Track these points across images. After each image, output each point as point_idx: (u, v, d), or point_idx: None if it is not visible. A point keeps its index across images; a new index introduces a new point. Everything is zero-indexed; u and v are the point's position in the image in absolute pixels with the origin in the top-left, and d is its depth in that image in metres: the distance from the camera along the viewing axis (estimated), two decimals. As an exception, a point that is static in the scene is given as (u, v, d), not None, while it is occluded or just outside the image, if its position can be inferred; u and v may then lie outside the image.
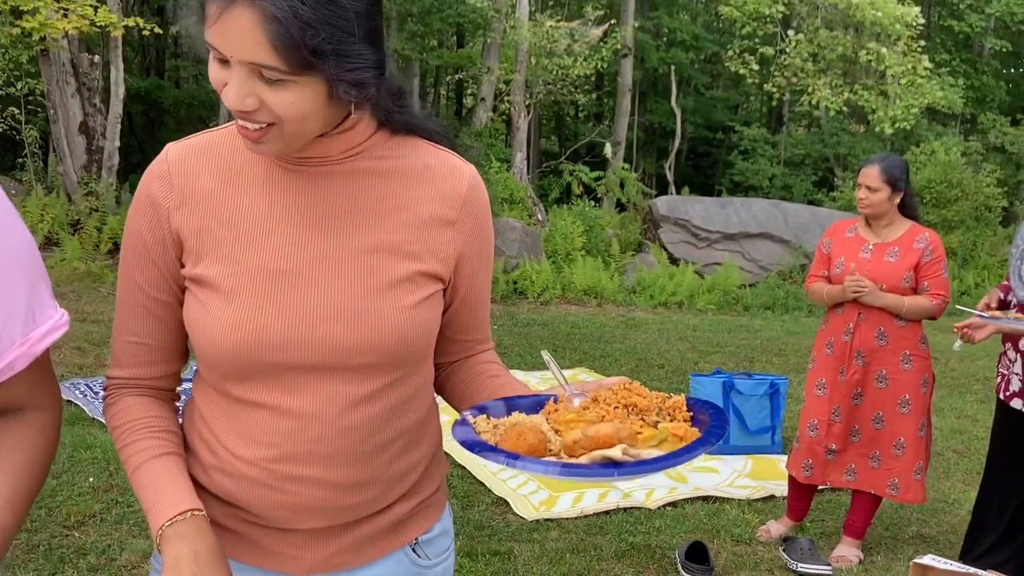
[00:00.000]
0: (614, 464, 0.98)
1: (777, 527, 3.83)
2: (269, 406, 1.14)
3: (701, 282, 10.97)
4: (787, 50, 15.08)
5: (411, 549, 1.29)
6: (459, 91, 21.15)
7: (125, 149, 11.36)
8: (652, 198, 13.48)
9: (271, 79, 1.01)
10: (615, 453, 0.99)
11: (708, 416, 1.09)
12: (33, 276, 1.12)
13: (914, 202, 3.66)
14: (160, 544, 1.10)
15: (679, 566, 3.41)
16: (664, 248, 11.90)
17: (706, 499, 4.21)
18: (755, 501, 4.24)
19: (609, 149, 15.21)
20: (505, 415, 1.14)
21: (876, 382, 3.51)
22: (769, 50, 15.43)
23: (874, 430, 3.53)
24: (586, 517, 3.90)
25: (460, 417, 1.14)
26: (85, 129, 10.18)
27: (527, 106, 13.65)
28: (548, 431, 1.06)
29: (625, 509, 4.01)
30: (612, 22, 15.27)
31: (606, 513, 3.96)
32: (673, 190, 15.75)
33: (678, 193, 15.23)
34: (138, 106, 16.08)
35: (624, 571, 3.41)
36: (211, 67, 1.05)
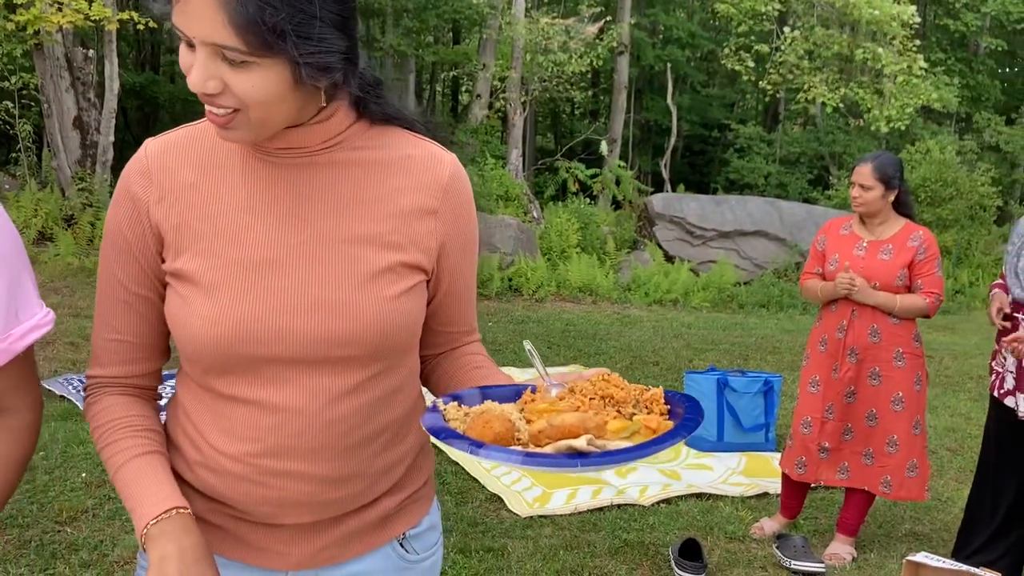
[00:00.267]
0: (579, 454, 0.97)
1: (771, 524, 3.84)
2: (252, 401, 1.13)
3: (696, 280, 10.97)
4: (782, 47, 15.09)
5: (399, 544, 1.29)
6: (455, 88, 21.14)
7: (120, 144, 11.33)
8: (647, 195, 13.48)
9: (234, 61, 1.00)
10: (579, 443, 0.98)
11: (684, 409, 1.08)
12: (16, 272, 1.10)
13: (909, 200, 3.66)
14: (145, 543, 1.09)
15: (672, 563, 3.41)
16: (659, 246, 11.91)
17: (700, 496, 4.21)
18: (749, 498, 4.24)
19: (605, 147, 15.21)
20: (480, 403, 1.13)
21: (869, 379, 3.52)
22: (765, 47, 15.44)
23: (867, 428, 3.54)
24: (580, 514, 3.90)
25: (431, 404, 1.13)
26: (79, 124, 10.15)
27: (523, 103, 13.64)
28: (518, 420, 1.05)
29: (619, 506, 4.01)
30: (608, 19, 15.26)
31: (600, 510, 3.96)
32: (669, 188, 15.77)
33: (673, 191, 15.23)
34: (133, 101, 16.05)
35: (618, 568, 3.41)
36: (181, 52, 1.05)
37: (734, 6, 15.14)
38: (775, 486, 4.20)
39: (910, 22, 13.83)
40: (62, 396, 4.78)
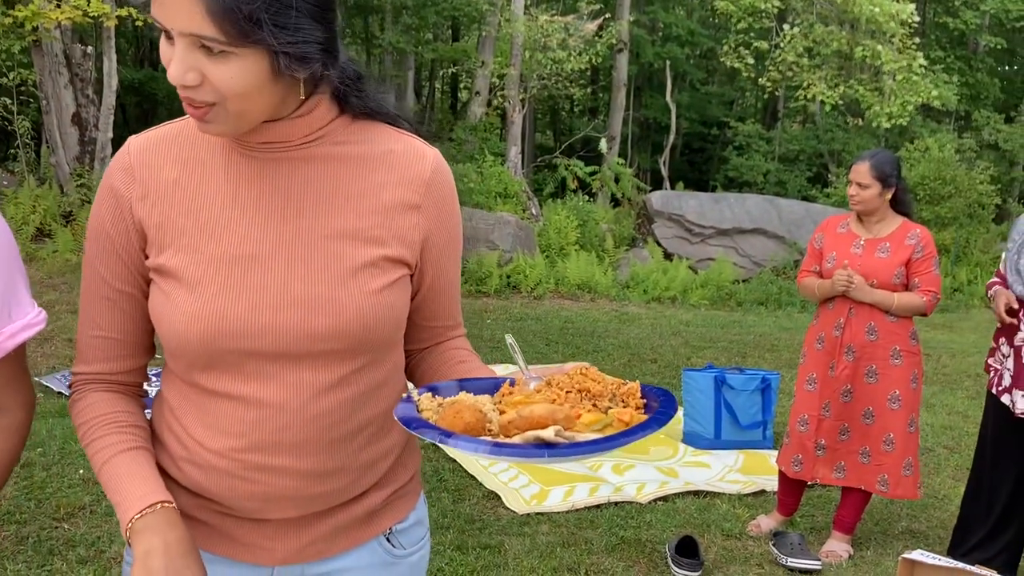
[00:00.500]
0: (547, 445, 0.98)
1: (767, 522, 3.84)
2: (236, 396, 1.14)
3: (694, 277, 10.98)
4: (782, 45, 15.08)
5: (385, 539, 1.29)
6: (454, 85, 21.12)
7: (118, 140, 11.32)
8: (646, 193, 13.48)
9: (212, 50, 1.01)
10: (547, 434, 0.99)
11: (659, 404, 1.08)
12: (9, 272, 1.11)
13: (907, 198, 3.66)
14: (130, 538, 1.09)
15: (669, 560, 3.42)
16: (658, 243, 11.91)
17: (697, 494, 4.22)
18: (746, 496, 4.25)
19: (604, 144, 15.20)
20: (455, 395, 1.13)
21: (866, 377, 3.52)
22: (764, 44, 15.43)
23: (864, 426, 3.54)
24: (577, 511, 3.91)
25: (406, 395, 1.14)
26: (78, 120, 10.14)
27: (522, 100, 13.63)
28: (491, 411, 1.06)
29: (616, 503, 4.02)
30: (607, 16, 15.26)
31: (597, 507, 3.97)
32: (667, 185, 15.76)
33: (672, 188, 15.24)
34: (131, 97, 16.02)
35: (614, 565, 3.42)
36: (161, 45, 1.05)
37: (733, 3, 15.13)
38: (772, 484, 4.21)
39: (909, 20, 13.82)
40: (60, 393, 4.78)
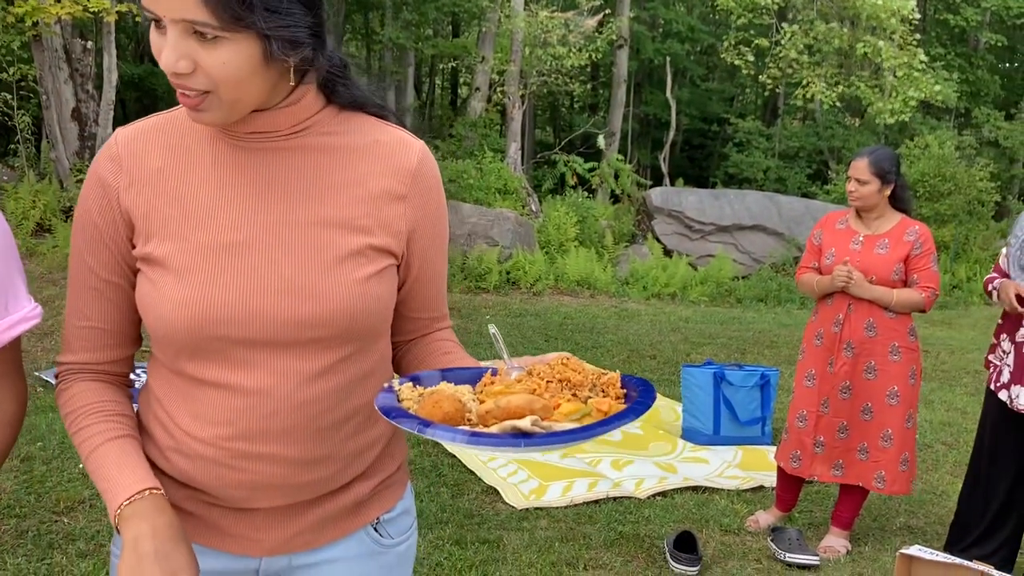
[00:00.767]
0: (523, 434, 0.99)
1: (766, 517, 3.85)
2: (223, 384, 1.14)
3: (694, 274, 10.98)
4: (782, 42, 15.07)
5: (373, 528, 1.30)
6: (454, 81, 21.12)
7: (118, 136, 11.31)
8: (646, 189, 13.48)
9: (205, 36, 1.02)
10: (524, 424, 1.00)
11: (638, 394, 1.09)
12: (8, 267, 1.12)
13: (906, 195, 3.66)
14: (119, 525, 1.10)
15: (668, 555, 3.43)
16: (658, 239, 11.92)
17: (695, 489, 4.22)
18: (744, 491, 4.26)
19: (602, 140, 15.19)
20: (437, 385, 1.14)
21: (865, 374, 3.53)
22: (764, 42, 15.41)
23: (862, 422, 3.54)
24: (576, 506, 3.92)
25: (387, 384, 1.14)
26: (78, 115, 10.13)
27: (522, 96, 13.62)
28: (470, 401, 1.07)
29: (615, 499, 4.03)
30: (607, 12, 15.24)
31: (596, 502, 3.97)
32: (667, 182, 15.76)
33: (672, 185, 15.23)
34: (131, 93, 16.00)
35: (613, 560, 3.43)
36: (151, 36, 1.06)
37: (734, -1, 15.13)
38: (771, 479, 4.22)
39: (910, 16, 13.81)
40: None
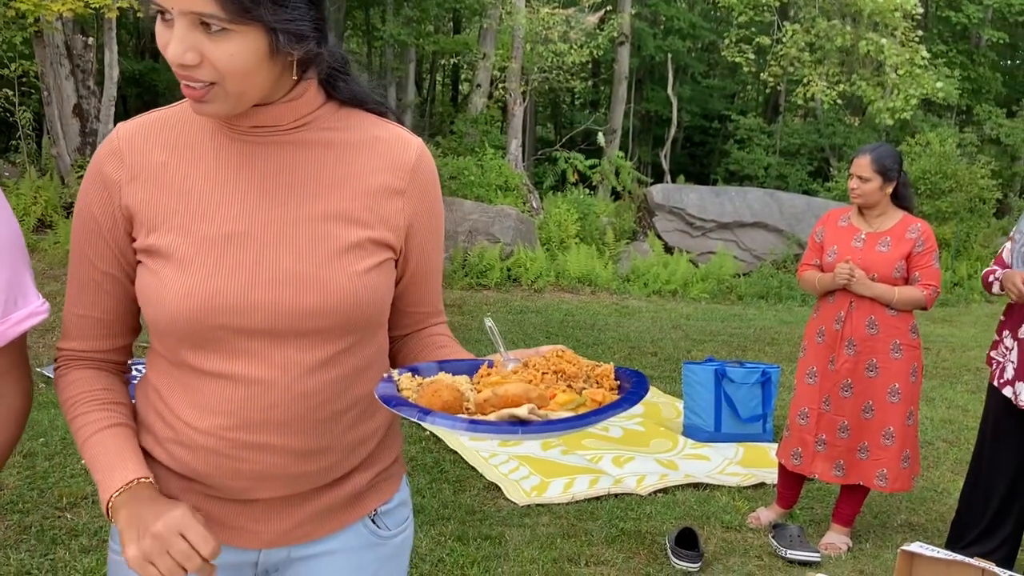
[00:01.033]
0: (520, 422, 1.01)
1: (767, 514, 3.86)
2: (224, 375, 1.15)
3: (695, 271, 10.98)
4: (783, 39, 15.05)
5: (370, 520, 1.32)
6: (455, 77, 21.10)
7: (119, 132, 11.31)
8: (647, 186, 13.47)
9: (212, 29, 1.03)
10: (521, 412, 1.02)
11: (631, 385, 1.12)
12: (16, 262, 1.13)
13: (908, 192, 3.66)
14: (111, 514, 1.13)
15: (669, 552, 3.44)
16: (659, 236, 11.91)
17: (697, 486, 4.23)
18: (745, 488, 4.26)
19: (602, 138, 15.18)
20: (435, 375, 1.17)
21: (866, 371, 3.53)
22: (766, 39, 15.40)
23: (863, 421, 3.54)
24: (577, 503, 3.92)
25: (386, 375, 1.16)
26: (79, 111, 10.14)
27: (523, 93, 13.61)
28: (468, 391, 1.09)
29: (616, 495, 4.03)
30: (608, 9, 15.23)
31: (597, 499, 3.98)
32: (668, 178, 15.75)
33: (673, 182, 15.22)
34: (132, 89, 16.00)
35: (614, 556, 3.43)
36: (157, 29, 1.07)
37: (735, -4, 15.10)
38: (772, 476, 4.22)
39: (912, 12, 13.78)
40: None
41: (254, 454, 1.17)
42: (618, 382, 1.15)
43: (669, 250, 11.68)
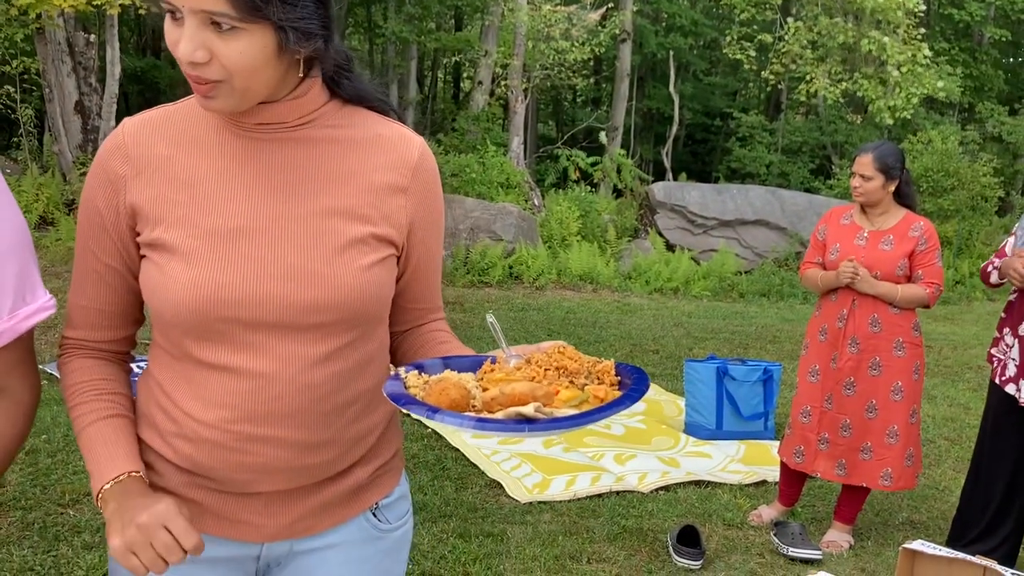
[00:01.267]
0: (527, 420, 1.03)
1: (768, 512, 3.86)
2: (229, 367, 1.16)
3: (697, 268, 10.98)
4: (786, 37, 15.03)
5: (372, 514, 1.33)
6: (456, 74, 21.08)
7: (121, 129, 11.31)
8: (649, 184, 13.47)
9: (222, 27, 1.04)
10: (528, 410, 1.04)
11: (632, 381, 1.14)
12: (25, 258, 1.15)
13: (911, 190, 3.65)
14: (101, 504, 1.15)
15: (671, 549, 3.44)
16: (660, 234, 11.90)
17: (698, 484, 4.23)
18: (747, 486, 4.26)
19: (604, 137, 15.18)
20: (441, 373, 1.19)
21: (869, 370, 3.52)
22: (768, 37, 15.37)
23: (866, 420, 3.53)
24: (579, 500, 3.92)
25: (394, 372, 1.18)
26: (81, 108, 10.14)
27: (524, 90, 13.60)
28: (475, 388, 1.11)
29: (618, 493, 4.03)
30: (610, 6, 15.21)
31: (599, 496, 3.98)
32: (670, 176, 15.74)
33: (675, 179, 15.21)
34: (134, 86, 16.00)
35: (616, 554, 3.44)
36: (167, 28, 1.08)
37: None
38: (773, 474, 4.22)
39: (915, 10, 13.75)
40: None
41: (258, 447, 1.18)
42: (619, 378, 1.16)
43: (671, 248, 11.68)
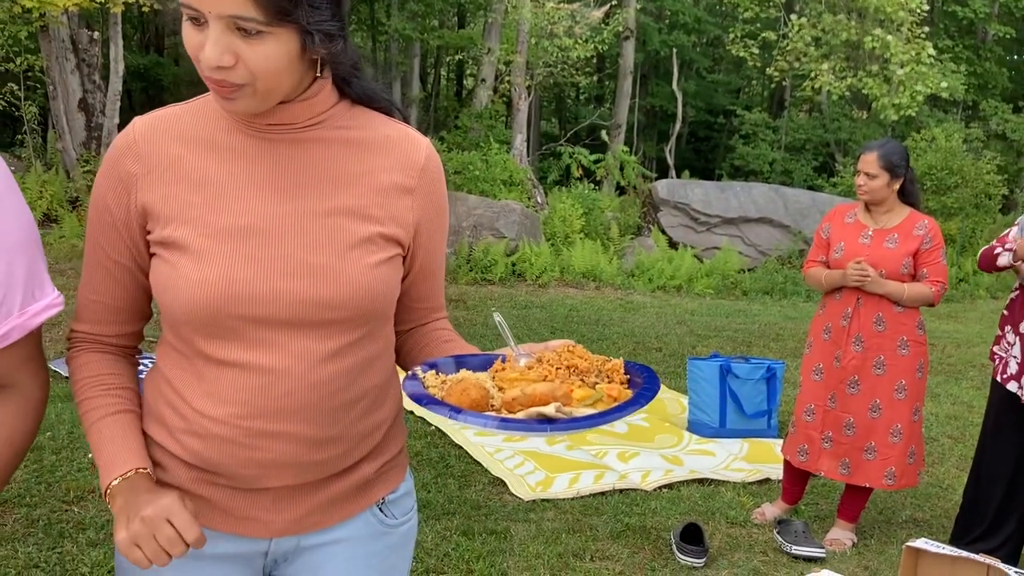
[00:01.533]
0: (548, 420, 1.06)
1: (772, 510, 3.86)
2: (239, 364, 1.17)
3: (700, 266, 10.97)
4: (790, 34, 15.01)
5: (378, 509, 1.34)
6: (460, 72, 21.07)
7: (124, 126, 11.34)
8: (652, 181, 13.46)
9: (248, 32, 1.05)
10: (549, 410, 1.07)
11: (642, 380, 1.17)
12: (33, 255, 1.16)
13: (915, 188, 3.64)
14: (109, 499, 1.17)
15: (674, 547, 3.44)
16: (663, 232, 11.90)
17: (702, 482, 4.23)
18: (750, 484, 4.26)
19: (605, 135, 15.17)
20: (454, 372, 1.21)
21: (874, 368, 3.52)
22: (771, 35, 15.35)
23: (870, 420, 3.53)
24: (582, 498, 3.93)
25: (411, 372, 1.20)
26: (84, 106, 10.15)
27: (528, 88, 13.60)
28: (492, 388, 1.13)
29: (621, 491, 4.04)
30: (613, 4, 15.19)
31: (602, 494, 3.98)
32: (673, 174, 15.73)
33: (678, 177, 15.20)
34: (137, 83, 16.03)
35: (619, 551, 3.44)
36: (186, 32, 1.08)
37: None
38: (777, 472, 4.22)
39: (918, 9, 13.73)
40: (68, 377, 4.82)
41: (267, 442, 1.19)
42: (628, 376, 1.18)
43: (674, 245, 11.67)
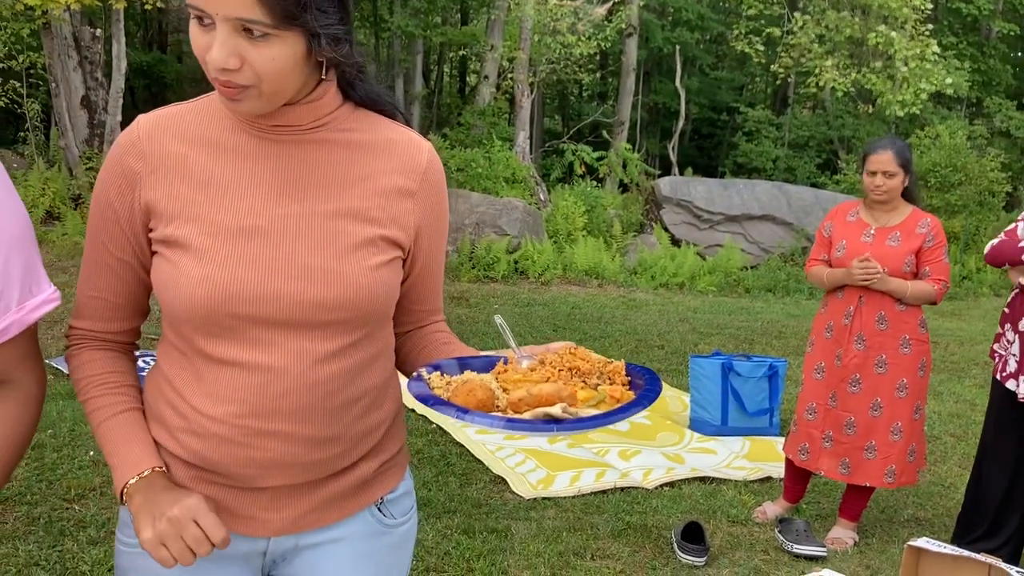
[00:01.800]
0: (554, 420, 1.08)
1: (773, 508, 3.85)
2: (238, 363, 1.18)
3: (702, 264, 10.96)
4: (794, 30, 14.97)
5: (377, 508, 1.35)
6: (462, 69, 21.06)
7: (127, 124, 11.31)
8: (655, 179, 13.44)
9: (255, 34, 1.05)
10: (555, 411, 1.09)
11: (644, 381, 1.18)
12: (30, 251, 1.16)
13: (915, 186, 3.63)
14: (126, 499, 1.18)
15: (675, 545, 3.44)
16: (666, 229, 11.89)
17: (703, 480, 4.23)
18: (752, 482, 4.26)
19: (608, 134, 15.14)
20: (458, 373, 1.23)
21: (876, 367, 3.51)
22: (775, 31, 15.31)
23: (871, 419, 3.52)
24: (583, 496, 3.93)
25: (415, 374, 1.22)
26: (87, 103, 10.15)
27: (530, 84, 13.58)
28: (497, 389, 1.15)
29: (622, 489, 4.03)
30: (617, 0, 15.16)
31: (603, 492, 3.98)
32: (676, 171, 15.70)
33: (681, 174, 15.18)
34: (140, 80, 16.04)
35: (620, 550, 3.44)
36: (194, 32, 1.09)
37: (744, -12, 15.02)
38: (778, 470, 4.22)
39: (922, 6, 13.68)
40: (69, 374, 4.82)
41: (266, 441, 1.20)
42: (629, 378, 1.20)
43: (676, 243, 11.66)
